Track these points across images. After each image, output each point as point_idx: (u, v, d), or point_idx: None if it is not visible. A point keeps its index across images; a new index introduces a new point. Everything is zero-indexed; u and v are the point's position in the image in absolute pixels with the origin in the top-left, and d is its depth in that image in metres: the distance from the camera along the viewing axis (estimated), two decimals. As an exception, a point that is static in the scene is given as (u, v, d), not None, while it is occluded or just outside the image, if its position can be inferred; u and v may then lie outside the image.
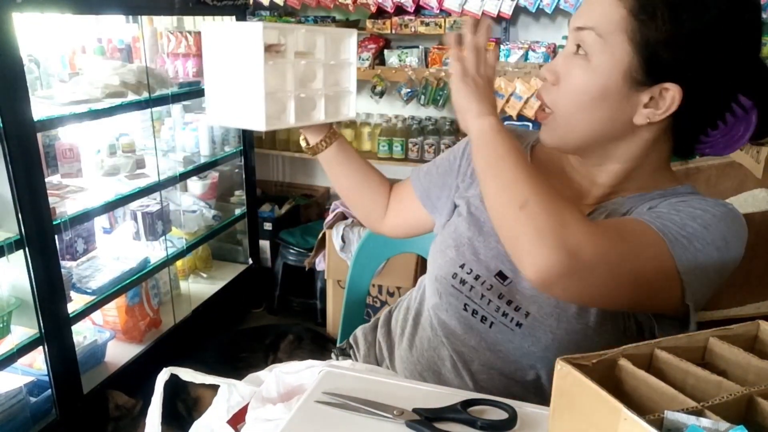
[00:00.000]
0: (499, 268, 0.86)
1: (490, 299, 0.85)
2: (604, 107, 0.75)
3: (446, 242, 0.92)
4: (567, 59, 0.77)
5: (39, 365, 1.90)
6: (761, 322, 0.50)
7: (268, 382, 0.73)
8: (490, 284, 0.85)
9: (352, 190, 1.07)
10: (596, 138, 0.79)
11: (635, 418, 0.37)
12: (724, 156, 1.58)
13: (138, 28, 2.43)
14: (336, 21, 3.01)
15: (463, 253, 0.89)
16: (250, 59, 0.78)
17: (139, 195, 2.19)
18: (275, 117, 0.85)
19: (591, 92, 0.75)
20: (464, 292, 0.87)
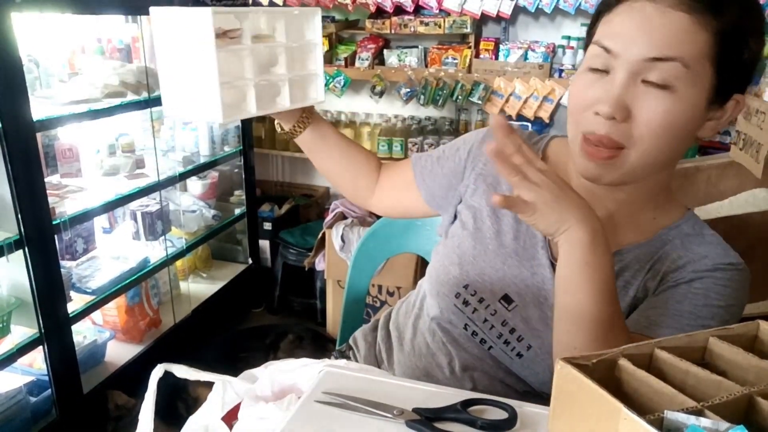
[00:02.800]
0: (504, 291, 0.83)
1: (492, 325, 0.82)
2: (684, 135, 0.72)
3: (450, 257, 0.88)
4: (634, 91, 0.69)
5: (39, 365, 1.90)
6: (761, 322, 0.50)
7: (262, 379, 0.73)
8: (494, 309, 0.82)
9: (335, 169, 1.02)
10: (663, 167, 0.77)
11: (635, 417, 0.37)
12: (724, 156, 1.58)
13: (138, 28, 2.42)
14: (335, 21, 3.01)
15: (467, 272, 0.85)
16: (201, 47, 0.73)
17: (139, 195, 2.19)
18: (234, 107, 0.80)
19: (679, 125, 0.70)
20: (466, 313, 0.84)
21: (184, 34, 0.74)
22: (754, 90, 1.93)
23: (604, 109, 0.70)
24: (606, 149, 0.72)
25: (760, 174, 1.37)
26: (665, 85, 0.68)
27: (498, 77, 2.68)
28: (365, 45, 2.95)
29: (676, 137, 0.71)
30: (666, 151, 0.73)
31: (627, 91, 0.69)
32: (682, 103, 0.69)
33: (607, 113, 0.69)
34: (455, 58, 2.79)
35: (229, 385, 0.75)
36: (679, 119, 0.70)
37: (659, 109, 0.68)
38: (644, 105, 0.69)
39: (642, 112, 0.69)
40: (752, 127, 1.42)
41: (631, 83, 0.69)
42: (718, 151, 2.09)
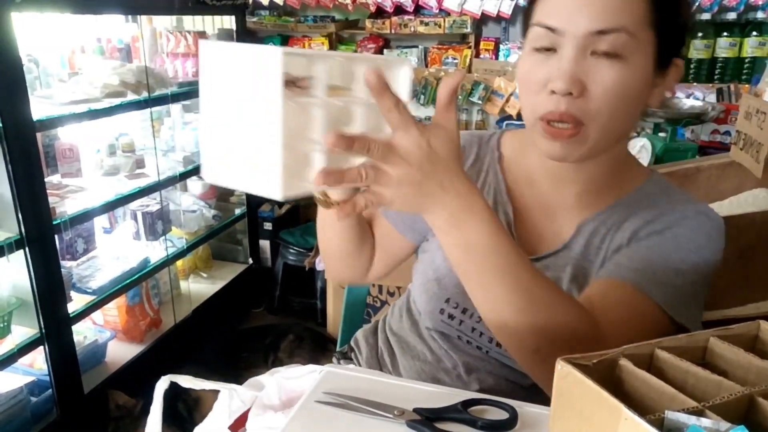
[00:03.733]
0: None
1: (481, 332, 0.82)
2: (638, 103, 0.73)
3: (426, 274, 0.87)
4: (585, 65, 0.69)
5: (39, 365, 1.90)
6: (762, 322, 0.50)
7: (269, 388, 0.72)
8: (478, 317, 0.80)
9: (356, 249, 0.89)
10: (621, 137, 0.77)
11: (636, 418, 0.37)
12: (724, 156, 1.58)
13: (137, 28, 2.43)
14: (336, 21, 3.01)
15: (446, 287, 0.84)
16: (263, 97, 0.55)
17: (139, 195, 2.19)
18: (297, 177, 0.58)
19: (632, 93, 0.71)
20: (455, 326, 0.84)
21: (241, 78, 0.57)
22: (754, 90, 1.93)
23: (559, 85, 0.69)
24: (568, 127, 0.71)
25: (760, 174, 1.37)
26: (615, 54, 0.68)
27: (498, 77, 2.68)
28: (365, 45, 2.95)
29: (631, 106, 0.72)
30: (623, 120, 0.74)
31: (578, 65, 0.69)
32: (633, 71, 0.69)
33: (562, 89, 0.69)
34: (455, 58, 2.79)
35: (234, 393, 0.75)
36: (632, 87, 0.70)
37: (613, 80, 0.69)
38: (597, 77, 0.69)
39: (596, 85, 0.69)
40: (752, 127, 1.42)
41: (581, 57, 0.69)
42: (718, 151, 2.09)
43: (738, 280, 1.26)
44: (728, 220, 1.24)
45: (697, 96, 2.56)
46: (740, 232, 1.22)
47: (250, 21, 3.06)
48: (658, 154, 2.03)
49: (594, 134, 0.72)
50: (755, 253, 1.24)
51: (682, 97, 2.53)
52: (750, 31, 2.56)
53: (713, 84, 2.60)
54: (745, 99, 1.55)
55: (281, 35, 3.22)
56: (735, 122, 1.65)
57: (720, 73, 2.63)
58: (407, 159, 0.56)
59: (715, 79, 2.64)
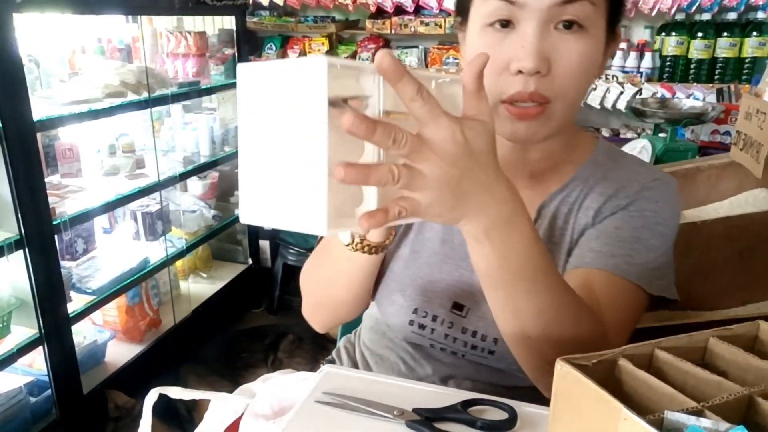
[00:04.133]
0: (452, 300, 0.79)
1: (455, 337, 0.79)
2: (594, 76, 0.71)
3: (389, 286, 0.82)
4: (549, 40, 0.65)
5: (39, 365, 1.90)
6: (761, 323, 0.50)
7: (261, 396, 0.72)
8: (450, 321, 0.78)
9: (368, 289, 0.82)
10: (577, 111, 0.75)
11: (635, 418, 0.37)
12: (724, 156, 1.58)
13: (138, 28, 2.43)
14: (336, 21, 3.01)
15: (410, 296, 0.80)
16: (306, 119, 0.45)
17: (139, 195, 2.19)
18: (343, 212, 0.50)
19: (594, 66, 0.69)
20: (426, 335, 0.80)
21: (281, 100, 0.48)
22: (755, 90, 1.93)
23: (526, 65, 0.64)
24: (535, 106, 0.67)
25: (760, 174, 1.37)
26: (579, 26, 0.65)
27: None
28: (366, 45, 2.95)
29: (591, 79, 0.70)
30: (584, 94, 0.72)
31: (544, 41, 0.65)
32: (594, 42, 0.67)
33: (530, 69, 0.64)
34: (456, 58, 2.79)
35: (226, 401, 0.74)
36: (594, 60, 0.68)
37: (578, 54, 0.66)
38: (563, 53, 0.65)
39: (562, 61, 0.66)
40: (752, 127, 1.42)
41: (545, 32, 0.65)
42: (718, 151, 2.09)
43: (738, 280, 1.26)
44: (728, 220, 1.25)
45: (697, 96, 2.56)
46: (740, 232, 1.23)
47: (250, 21, 3.06)
48: (658, 155, 2.03)
49: (560, 112, 0.69)
50: (755, 253, 1.24)
51: (682, 97, 2.53)
52: (750, 32, 2.55)
53: (713, 84, 2.60)
54: (745, 99, 1.55)
55: (281, 35, 3.22)
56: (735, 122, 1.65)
57: (720, 74, 2.63)
58: (442, 156, 0.46)
59: (715, 79, 2.63)
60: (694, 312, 1.24)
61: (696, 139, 2.55)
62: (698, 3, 2.56)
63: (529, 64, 0.64)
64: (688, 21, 2.64)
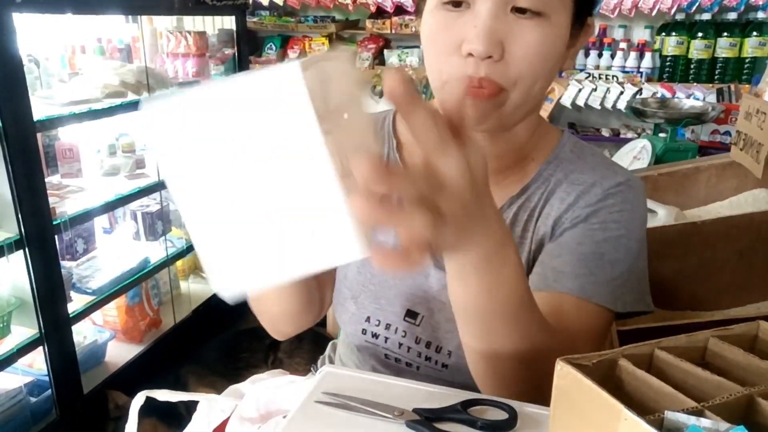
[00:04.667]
0: (406, 308, 0.75)
1: (408, 346, 0.75)
2: (558, 67, 0.66)
3: (342, 293, 0.79)
4: (505, 23, 0.60)
5: (39, 365, 1.90)
6: (761, 323, 0.50)
7: (248, 399, 0.71)
8: (403, 330, 0.75)
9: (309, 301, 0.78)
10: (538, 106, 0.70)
11: (635, 418, 0.37)
12: (724, 156, 1.59)
13: (138, 28, 2.43)
14: (336, 21, 3.01)
15: (363, 304, 0.77)
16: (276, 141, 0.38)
17: (139, 195, 2.19)
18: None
19: (555, 56, 0.63)
20: (380, 344, 0.77)
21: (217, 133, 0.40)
22: (755, 90, 1.93)
23: (476, 47, 0.59)
24: (487, 99, 0.62)
25: (760, 174, 1.37)
26: (539, 12, 0.60)
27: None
28: (366, 45, 2.95)
29: (553, 70, 0.65)
30: (544, 86, 0.66)
31: (498, 23, 0.59)
32: (556, 30, 0.62)
33: (481, 52, 0.59)
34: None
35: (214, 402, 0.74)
36: (555, 49, 0.63)
37: (536, 41, 0.60)
38: (519, 38, 0.60)
39: (518, 47, 0.60)
40: (752, 127, 1.42)
41: (501, 14, 0.59)
42: (718, 151, 2.10)
43: (738, 280, 1.26)
44: (728, 220, 1.25)
45: (697, 96, 2.56)
46: (740, 232, 1.23)
47: (250, 21, 3.06)
48: (659, 155, 2.03)
49: (515, 102, 0.64)
50: (755, 253, 1.24)
51: (682, 97, 2.53)
52: (750, 31, 2.56)
53: (713, 84, 2.61)
54: (746, 99, 1.55)
55: (281, 35, 3.22)
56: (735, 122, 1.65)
57: (720, 74, 2.63)
58: (453, 191, 0.42)
59: (716, 79, 2.64)
60: (694, 312, 1.24)
61: (696, 139, 2.56)
62: (698, 3, 2.56)
63: (479, 47, 0.59)
64: (688, 21, 2.65)
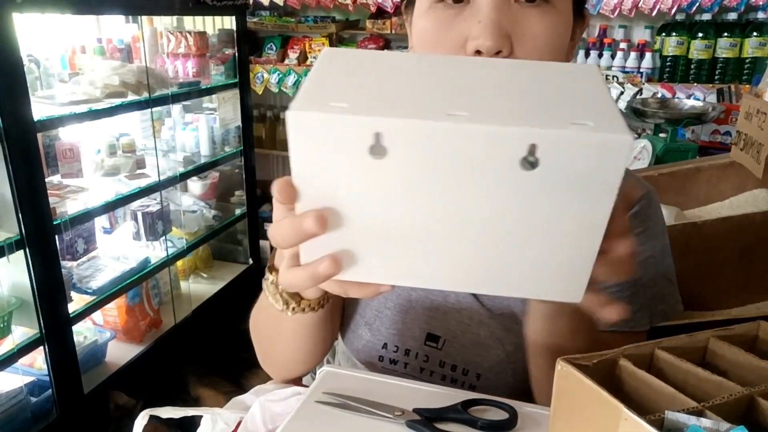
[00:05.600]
0: (426, 331, 0.71)
1: (431, 371, 0.71)
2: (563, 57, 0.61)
3: (355, 320, 0.75)
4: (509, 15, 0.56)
5: (39, 365, 1.90)
6: (762, 323, 0.50)
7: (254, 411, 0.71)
8: (424, 355, 0.71)
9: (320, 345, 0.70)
10: None
11: (636, 418, 0.37)
12: (724, 156, 1.58)
13: (138, 28, 2.43)
14: (336, 21, 3.01)
15: (378, 330, 0.72)
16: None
17: (140, 195, 2.19)
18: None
19: (562, 46, 0.59)
20: (399, 370, 0.72)
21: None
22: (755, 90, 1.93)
23: (483, 43, 0.54)
24: None
25: (760, 174, 1.37)
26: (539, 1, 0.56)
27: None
28: (366, 45, 2.95)
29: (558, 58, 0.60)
30: None
31: (503, 16, 0.55)
32: (562, 18, 0.58)
33: (490, 47, 0.54)
34: (456, 59, 2.79)
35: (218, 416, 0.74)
36: (563, 39, 0.59)
37: (545, 31, 0.56)
38: (528, 29, 0.56)
39: (527, 39, 0.56)
40: (753, 127, 1.42)
41: (504, 5, 0.55)
42: (719, 152, 2.10)
43: (738, 280, 1.26)
44: (728, 220, 1.25)
45: (697, 96, 2.56)
46: (740, 232, 1.23)
47: (250, 21, 3.06)
48: (659, 155, 2.03)
49: None
50: (755, 253, 1.24)
51: (682, 97, 2.53)
52: (750, 32, 2.56)
53: (714, 84, 2.60)
54: (746, 99, 1.55)
55: (281, 35, 3.22)
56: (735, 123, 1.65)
57: (720, 74, 2.63)
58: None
59: (716, 79, 2.64)
60: (694, 312, 1.24)
61: (696, 139, 2.56)
62: (698, 3, 2.56)
63: (487, 41, 0.54)
64: (689, 21, 2.64)
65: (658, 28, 2.73)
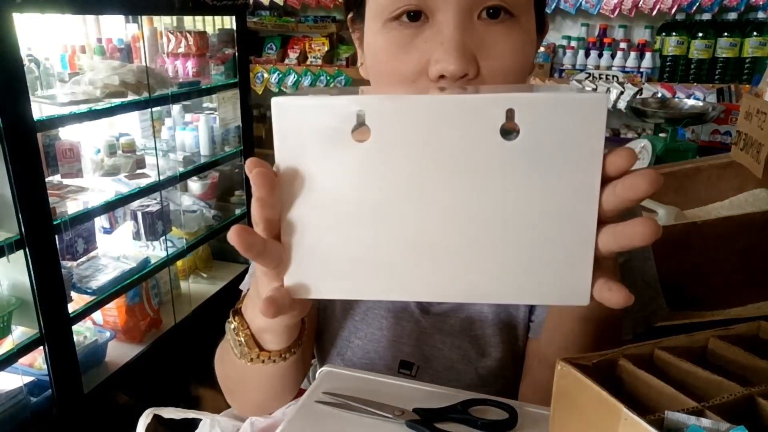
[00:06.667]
0: (398, 359, 0.70)
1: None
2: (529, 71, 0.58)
3: (324, 350, 0.73)
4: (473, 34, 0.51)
5: (39, 365, 1.90)
6: (762, 323, 0.50)
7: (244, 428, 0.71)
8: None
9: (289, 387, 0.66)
10: None
11: (635, 418, 0.37)
12: (724, 156, 1.58)
13: (138, 28, 2.43)
14: (336, 21, 3.01)
15: (351, 360, 0.71)
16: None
17: (139, 195, 2.19)
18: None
19: (530, 60, 0.56)
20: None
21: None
22: (755, 90, 1.93)
23: (448, 67, 0.50)
24: None
25: (760, 174, 1.37)
26: (508, 13, 0.52)
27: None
28: (365, 45, 2.95)
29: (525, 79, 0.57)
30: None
31: (468, 36, 0.51)
32: (527, 33, 0.54)
33: (455, 71, 0.50)
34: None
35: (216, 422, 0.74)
36: (529, 55, 0.56)
37: (511, 49, 0.52)
38: (493, 48, 0.52)
39: (494, 59, 0.52)
40: (753, 127, 1.42)
41: (467, 23, 0.51)
42: (719, 151, 2.10)
43: (738, 280, 1.26)
44: (728, 220, 1.25)
45: (697, 96, 2.56)
46: (740, 232, 1.23)
47: (250, 21, 3.06)
48: (659, 155, 2.03)
49: None
50: (755, 253, 1.24)
51: (682, 97, 2.53)
52: (750, 32, 2.56)
53: (713, 84, 2.61)
54: (746, 99, 1.55)
55: (282, 35, 3.22)
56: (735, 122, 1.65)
57: (720, 74, 2.63)
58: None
59: (716, 79, 2.64)
60: (694, 312, 1.24)
61: (696, 139, 2.56)
62: (699, 3, 2.56)
63: (451, 65, 0.50)
64: (689, 21, 2.64)
65: (658, 27, 2.74)
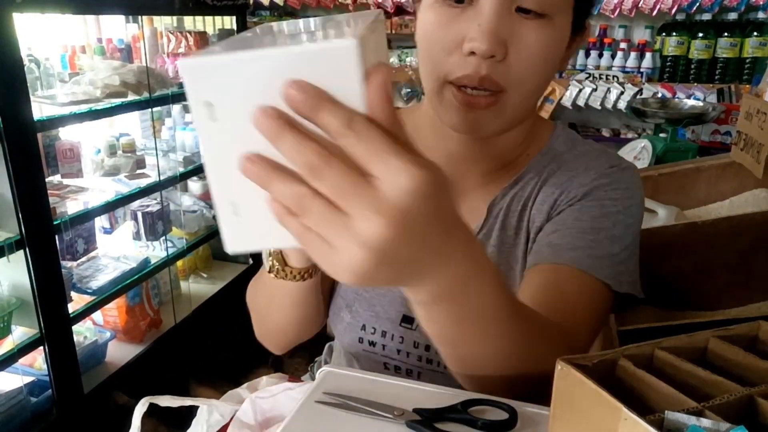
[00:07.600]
0: (401, 313, 0.74)
1: (408, 352, 0.74)
2: (555, 69, 0.65)
3: (337, 303, 0.79)
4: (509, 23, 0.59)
5: (39, 365, 1.90)
6: (762, 323, 0.50)
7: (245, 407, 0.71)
8: (400, 336, 0.74)
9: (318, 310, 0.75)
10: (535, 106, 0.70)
11: (635, 418, 0.37)
12: (724, 156, 1.59)
13: (138, 28, 2.43)
14: (336, 21, 3.02)
15: (357, 312, 0.76)
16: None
17: (140, 195, 2.19)
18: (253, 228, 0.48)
19: (555, 57, 0.63)
20: (378, 352, 0.76)
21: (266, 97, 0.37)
22: (755, 90, 1.93)
23: (480, 46, 0.58)
24: (486, 95, 0.61)
25: (760, 174, 1.37)
26: (543, 13, 0.59)
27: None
28: (366, 45, 2.95)
29: (552, 72, 0.65)
30: (543, 87, 0.66)
31: (502, 23, 0.58)
32: (558, 32, 0.62)
33: (485, 51, 0.58)
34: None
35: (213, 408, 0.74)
36: (556, 51, 0.63)
37: (539, 43, 0.60)
38: (523, 39, 0.59)
39: (521, 48, 0.59)
40: (753, 127, 1.42)
41: (505, 13, 0.58)
42: (719, 151, 2.10)
43: (738, 280, 1.26)
44: (729, 220, 1.25)
45: (697, 96, 2.56)
46: (740, 232, 1.23)
47: (250, 21, 3.07)
48: (659, 155, 2.03)
49: (514, 103, 0.63)
50: (755, 253, 1.24)
51: (682, 97, 2.53)
52: (751, 32, 2.56)
53: (714, 84, 2.61)
54: (746, 99, 1.55)
55: (282, 35, 3.23)
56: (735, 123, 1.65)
57: (720, 74, 2.63)
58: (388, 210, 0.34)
59: (716, 79, 2.64)
60: (694, 312, 1.24)
61: (696, 139, 2.56)
62: (699, 3, 2.56)
63: (483, 45, 0.58)
64: (689, 21, 2.65)
65: (658, 28, 2.74)
